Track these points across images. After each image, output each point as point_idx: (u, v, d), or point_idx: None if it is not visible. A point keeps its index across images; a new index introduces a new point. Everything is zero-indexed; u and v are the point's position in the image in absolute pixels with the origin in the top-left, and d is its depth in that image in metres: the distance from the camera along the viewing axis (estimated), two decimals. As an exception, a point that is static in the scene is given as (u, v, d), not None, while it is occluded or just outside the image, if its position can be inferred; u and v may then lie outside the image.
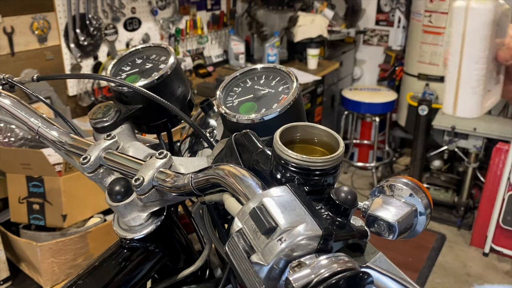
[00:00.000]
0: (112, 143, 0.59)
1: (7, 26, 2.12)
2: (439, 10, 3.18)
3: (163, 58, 0.68)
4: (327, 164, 0.43)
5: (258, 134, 0.51)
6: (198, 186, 0.48)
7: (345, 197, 0.42)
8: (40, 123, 0.66)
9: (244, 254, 0.38)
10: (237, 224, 0.40)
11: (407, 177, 0.49)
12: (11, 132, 1.92)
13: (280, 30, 3.53)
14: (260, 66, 0.63)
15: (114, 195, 0.56)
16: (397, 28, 3.93)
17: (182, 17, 3.13)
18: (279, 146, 0.44)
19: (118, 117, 0.64)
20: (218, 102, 0.59)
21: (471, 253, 2.88)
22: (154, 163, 0.52)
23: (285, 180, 0.44)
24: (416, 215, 0.47)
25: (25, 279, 1.85)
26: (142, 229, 0.58)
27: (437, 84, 3.33)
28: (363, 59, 4.20)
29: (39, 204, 1.84)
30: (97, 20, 2.51)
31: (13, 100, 0.67)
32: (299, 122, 0.49)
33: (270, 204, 0.39)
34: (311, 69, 3.45)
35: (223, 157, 0.53)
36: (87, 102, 2.51)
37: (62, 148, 0.64)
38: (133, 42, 2.81)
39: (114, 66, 0.69)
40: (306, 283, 0.35)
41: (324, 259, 0.36)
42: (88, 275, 0.57)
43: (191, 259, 0.69)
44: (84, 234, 1.79)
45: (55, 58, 2.37)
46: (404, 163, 3.97)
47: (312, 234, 0.37)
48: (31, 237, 1.82)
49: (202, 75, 3.14)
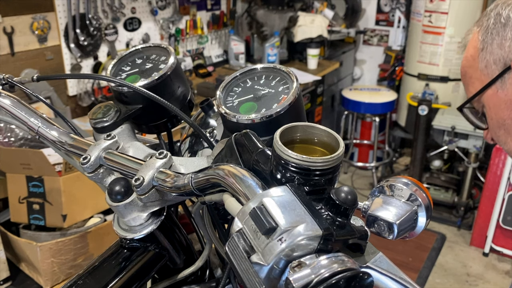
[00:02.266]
0: (112, 143, 0.59)
1: (7, 26, 2.12)
2: (439, 10, 3.18)
3: (163, 58, 0.68)
4: (327, 164, 0.43)
5: (258, 134, 0.51)
6: (198, 186, 0.48)
7: (345, 197, 0.42)
8: (40, 123, 0.66)
9: (244, 254, 0.38)
10: (237, 224, 0.40)
11: (407, 177, 0.49)
12: (11, 132, 1.92)
13: (280, 30, 3.53)
14: (260, 66, 0.63)
15: (114, 195, 0.56)
16: (397, 28, 3.93)
17: (182, 17, 3.13)
18: (279, 146, 0.44)
19: (118, 117, 0.64)
20: (218, 102, 0.59)
21: (471, 253, 2.88)
22: (154, 163, 0.52)
23: (285, 180, 0.44)
24: (416, 215, 0.47)
25: (25, 279, 1.84)
26: (142, 229, 0.58)
27: (437, 84, 3.34)
28: (363, 59, 4.20)
29: (39, 204, 1.84)
30: (97, 20, 2.51)
31: (13, 100, 0.67)
32: (299, 122, 0.49)
33: (270, 204, 0.39)
34: (311, 69, 3.45)
35: (223, 157, 0.53)
36: (87, 102, 2.51)
37: (62, 148, 0.64)
38: (133, 42, 2.81)
39: (114, 66, 0.69)
40: (306, 283, 0.35)
41: (324, 259, 0.36)
42: (88, 275, 0.57)
43: (191, 259, 0.69)
44: (84, 234, 1.79)
45: (55, 58, 2.37)
46: (404, 163, 3.97)
47: (312, 234, 0.37)
48: (31, 237, 1.82)
49: (202, 75, 3.14)
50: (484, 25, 0.79)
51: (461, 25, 3.19)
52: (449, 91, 3.35)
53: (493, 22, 0.77)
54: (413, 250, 2.87)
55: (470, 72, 0.82)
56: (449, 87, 3.34)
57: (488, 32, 0.78)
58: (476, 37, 0.80)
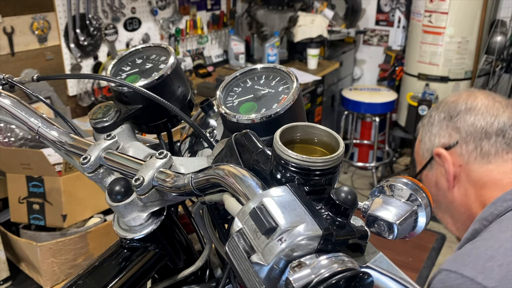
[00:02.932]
0: (112, 143, 0.59)
1: (7, 26, 2.12)
2: (439, 10, 3.18)
3: (163, 58, 0.68)
4: (327, 164, 0.43)
5: (258, 134, 0.51)
6: (198, 186, 0.48)
7: (345, 197, 0.42)
8: (40, 123, 0.66)
9: (244, 254, 0.38)
10: (237, 224, 0.40)
11: (407, 177, 0.49)
12: (11, 132, 1.92)
13: (280, 30, 3.53)
14: (260, 66, 0.62)
15: (114, 195, 0.56)
16: (397, 28, 3.93)
17: (182, 17, 3.13)
18: (279, 146, 0.44)
19: (118, 117, 0.64)
20: (218, 102, 0.59)
21: (471, 253, 2.88)
22: (154, 163, 0.52)
23: (285, 180, 0.44)
24: (416, 215, 0.47)
25: (25, 279, 1.84)
26: (142, 229, 0.58)
27: (437, 84, 3.34)
28: (363, 59, 4.20)
29: (39, 204, 1.84)
30: (97, 20, 2.51)
31: (13, 100, 0.67)
32: (299, 122, 0.49)
33: (270, 204, 0.39)
34: (311, 69, 3.45)
35: (223, 157, 0.53)
36: (87, 102, 2.51)
37: (62, 148, 0.64)
38: (133, 42, 2.81)
39: (114, 66, 0.69)
40: (306, 283, 0.35)
41: (324, 259, 0.36)
42: (88, 275, 0.57)
43: (191, 259, 0.69)
44: (84, 234, 1.79)
45: (55, 58, 2.37)
46: (404, 163, 3.97)
47: (312, 234, 0.37)
48: (31, 237, 1.81)
49: (202, 75, 3.14)
50: (424, 122, 1.05)
51: (461, 25, 3.19)
52: (449, 91, 3.35)
53: (427, 121, 1.04)
54: (413, 250, 2.87)
55: (416, 156, 1.09)
56: (449, 87, 3.34)
57: (424, 128, 1.04)
58: (420, 131, 1.07)
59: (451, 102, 0.99)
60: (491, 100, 0.95)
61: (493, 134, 0.92)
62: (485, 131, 0.92)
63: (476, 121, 0.93)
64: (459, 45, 3.23)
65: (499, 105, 0.94)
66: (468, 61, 3.30)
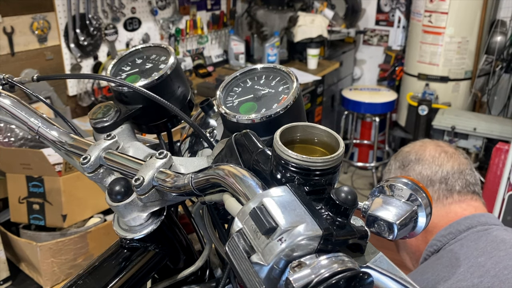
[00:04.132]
0: (112, 143, 0.59)
1: (7, 26, 2.12)
2: (439, 10, 3.19)
3: (163, 58, 0.68)
4: (327, 164, 0.43)
5: (258, 134, 0.51)
6: (198, 186, 0.48)
7: (345, 197, 0.42)
8: (40, 123, 0.66)
9: (244, 254, 0.38)
10: (237, 224, 0.40)
11: (407, 177, 0.49)
12: (11, 132, 1.92)
13: (280, 30, 3.53)
14: (260, 66, 0.62)
15: (114, 195, 0.56)
16: (397, 28, 3.93)
17: (182, 17, 3.13)
18: (279, 146, 0.44)
19: (118, 117, 0.64)
20: (218, 102, 0.59)
21: (471, 253, 2.88)
22: (154, 163, 0.52)
23: (285, 180, 0.44)
24: (416, 215, 0.47)
25: (25, 279, 1.84)
26: (142, 229, 0.58)
27: (437, 84, 3.34)
28: (363, 59, 4.20)
29: (39, 204, 1.84)
30: (97, 20, 2.50)
31: (13, 100, 0.67)
32: (299, 122, 0.49)
33: (270, 204, 0.39)
34: (311, 69, 3.45)
35: (223, 157, 0.53)
36: (87, 102, 2.51)
37: (62, 148, 0.64)
38: (133, 42, 2.81)
39: (114, 66, 0.69)
40: (306, 283, 0.35)
41: (324, 259, 0.36)
42: (88, 275, 0.57)
43: (191, 259, 0.69)
44: (84, 234, 1.79)
45: (55, 58, 2.37)
46: (404, 163, 3.97)
47: (312, 234, 0.37)
48: (31, 237, 1.81)
49: (202, 75, 3.14)
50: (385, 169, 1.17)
51: (461, 25, 3.19)
52: (449, 91, 3.35)
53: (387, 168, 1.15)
54: (413, 250, 2.87)
55: None
56: (449, 87, 3.34)
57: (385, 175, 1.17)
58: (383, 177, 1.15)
59: (405, 152, 1.11)
60: (438, 151, 1.07)
61: (437, 182, 1.03)
62: (430, 179, 1.04)
63: (423, 170, 1.05)
64: (459, 45, 3.23)
65: (444, 155, 1.06)
66: (468, 61, 3.30)
